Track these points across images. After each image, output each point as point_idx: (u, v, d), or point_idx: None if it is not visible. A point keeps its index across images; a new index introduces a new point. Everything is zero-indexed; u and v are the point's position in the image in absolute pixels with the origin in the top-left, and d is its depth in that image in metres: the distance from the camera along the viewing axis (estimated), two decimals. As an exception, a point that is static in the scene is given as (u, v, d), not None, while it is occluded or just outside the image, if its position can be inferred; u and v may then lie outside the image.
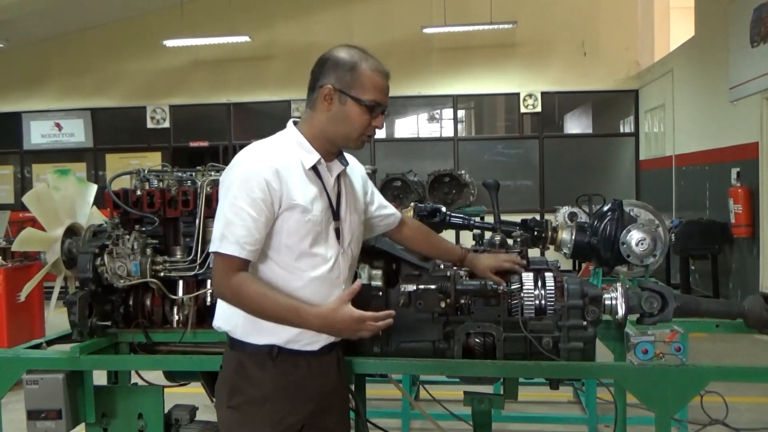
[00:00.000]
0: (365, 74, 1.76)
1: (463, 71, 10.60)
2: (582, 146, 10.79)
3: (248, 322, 1.77)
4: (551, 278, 2.14)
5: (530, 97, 10.44)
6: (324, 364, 1.86)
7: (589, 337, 2.08)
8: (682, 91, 8.72)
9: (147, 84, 11.07)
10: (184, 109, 11.10)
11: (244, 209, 1.69)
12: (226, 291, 1.73)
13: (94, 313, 2.39)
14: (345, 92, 1.76)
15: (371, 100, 1.76)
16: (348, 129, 1.79)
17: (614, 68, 10.31)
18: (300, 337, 1.79)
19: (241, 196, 1.69)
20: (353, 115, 1.77)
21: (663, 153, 9.38)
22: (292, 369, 1.80)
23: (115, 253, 2.37)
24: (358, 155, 2.00)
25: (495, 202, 2.67)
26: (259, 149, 1.78)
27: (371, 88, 1.76)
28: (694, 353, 2.31)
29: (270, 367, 1.78)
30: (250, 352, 1.79)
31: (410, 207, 3.03)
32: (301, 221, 1.75)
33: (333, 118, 1.79)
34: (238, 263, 1.70)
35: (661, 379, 1.99)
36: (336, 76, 1.77)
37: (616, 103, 10.76)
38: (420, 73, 10.55)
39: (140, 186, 2.49)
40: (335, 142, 1.82)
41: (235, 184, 1.71)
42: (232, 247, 1.69)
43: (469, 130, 11.72)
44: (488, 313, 2.11)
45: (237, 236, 1.69)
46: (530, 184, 10.66)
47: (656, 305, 2.14)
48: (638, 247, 2.62)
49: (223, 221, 1.71)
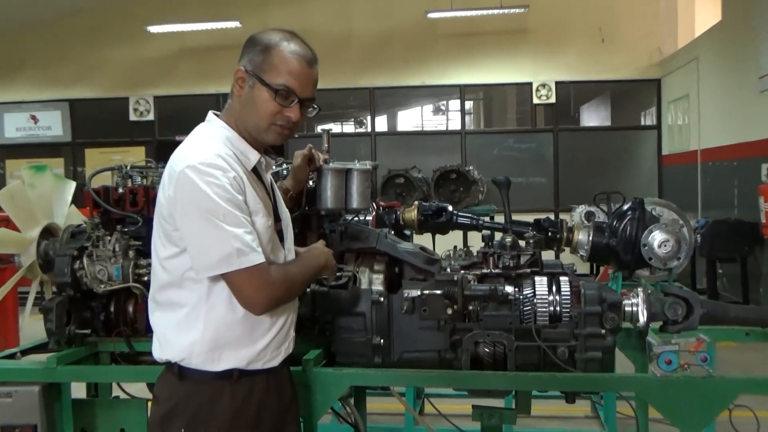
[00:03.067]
0: (279, 56, 1.73)
1: (470, 59, 10.59)
2: (600, 140, 10.77)
3: (207, 347, 1.73)
4: (567, 283, 2.14)
5: (543, 87, 10.43)
6: (280, 381, 1.87)
7: (607, 346, 2.08)
8: (708, 80, 8.71)
9: (130, 73, 11.08)
10: (170, 101, 11.10)
11: (237, 214, 1.66)
12: (281, 292, 1.73)
13: (73, 321, 2.39)
14: (254, 74, 1.74)
15: (281, 84, 1.72)
16: (256, 116, 1.76)
17: (634, 56, 10.30)
18: (261, 355, 1.79)
19: (226, 203, 1.65)
20: (260, 100, 1.74)
21: (687, 147, 9.37)
22: (249, 393, 1.78)
23: (95, 255, 2.37)
24: (355, 149, 2.00)
25: (506, 200, 2.67)
26: (203, 151, 1.70)
27: (284, 72, 1.72)
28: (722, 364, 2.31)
29: (227, 395, 1.75)
30: (205, 382, 1.75)
31: (414, 206, 3.03)
32: (265, 226, 1.75)
33: (243, 103, 1.77)
34: (265, 267, 1.69)
35: (686, 392, 1.98)
36: (248, 58, 1.75)
37: (637, 93, 10.75)
38: (424, 62, 10.54)
39: (122, 183, 2.48)
40: (250, 132, 1.79)
41: (211, 195, 1.63)
42: (253, 256, 1.66)
43: (477, 123, 11.71)
44: (499, 320, 2.11)
45: (248, 243, 1.65)
46: (544, 181, 10.65)
47: (681, 312, 2.14)
48: (661, 249, 2.62)
49: (225, 236, 1.64)
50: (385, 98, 11.05)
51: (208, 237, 1.65)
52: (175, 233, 1.70)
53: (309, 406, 2.11)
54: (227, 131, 1.79)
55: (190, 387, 1.76)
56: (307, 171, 2.29)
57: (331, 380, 2.15)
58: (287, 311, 1.85)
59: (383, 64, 10.44)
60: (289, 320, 1.87)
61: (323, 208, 2.30)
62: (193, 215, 1.66)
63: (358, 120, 11.55)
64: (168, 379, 1.80)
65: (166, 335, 1.78)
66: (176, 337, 1.76)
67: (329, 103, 11.11)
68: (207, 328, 1.73)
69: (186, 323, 1.74)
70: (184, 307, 1.74)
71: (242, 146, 1.79)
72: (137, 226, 2.43)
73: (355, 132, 11.41)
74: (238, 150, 1.78)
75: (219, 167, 1.67)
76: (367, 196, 2.36)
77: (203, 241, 1.66)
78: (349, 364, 2.22)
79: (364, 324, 2.22)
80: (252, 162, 1.80)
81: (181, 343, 1.75)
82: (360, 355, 2.22)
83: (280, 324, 1.82)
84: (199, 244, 1.67)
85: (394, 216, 3.01)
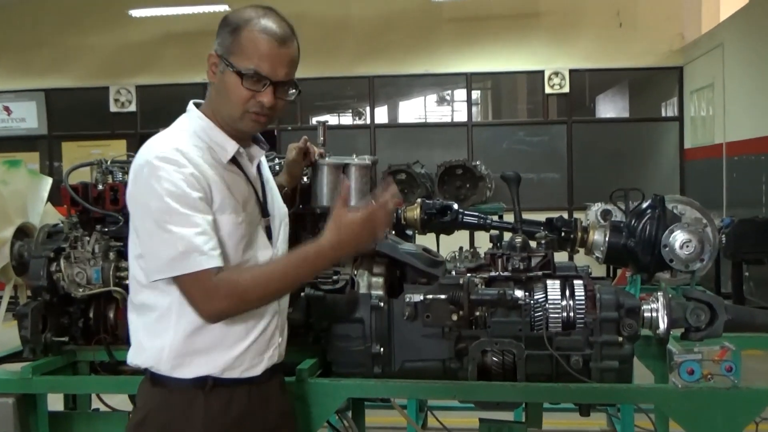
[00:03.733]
0: (247, 36, 1.72)
1: (478, 45, 10.59)
2: (617, 133, 10.78)
3: (176, 353, 1.73)
4: (581, 287, 2.14)
5: (556, 75, 10.43)
6: (266, 393, 1.85)
7: (625, 355, 2.09)
8: (734, 67, 8.71)
9: (110, 61, 11.08)
10: (154, 90, 11.10)
11: (188, 214, 1.65)
12: (225, 304, 1.68)
13: (49, 328, 2.39)
14: (224, 58, 1.74)
15: (248, 68, 1.71)
16: (228, 104, 1.76)
17: (654, 42, 10.30)
18: (239, 362, 1.77)
19: (176, 202, 1.64)
20: (230, 86, 1.73)
21: (712, 140, 9.37)
22: (226, 404, 1.77)
23: (73, 257, 2.37)
24: (353, 143, 2.01)
25: (515, 198, 2.68)
26: (165, 144, 1.72)
27: (253, 54, 1.71)
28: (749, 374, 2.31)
29: (200, 405, 1.74)
30: (177, 390, 1.75)
31: (416, 204, 3.03)
32: (234, 224, 1.74)
33: (217, 91, 1.78)
34: (210, 275, 1.66)
35: (710, 404, 1.99)
36: (219, 40, 1.76)
37: (657, 82, 10.75)
38: (428, 48, 10.54)
39: (102, 179, 2.48)
40: (225, 120, 1.79)
41: (160, 192, 1.65)
42: (201, 260, 1.64)
43: (485, 114, 11.72)
44: (508, 327, 2.12)
45: (197, 247, 1.64)
46: (557, 177, 10.65)
47: (704, 318, 2.15)
48: (683, 251, 2.62)
49: (171, 238, 1.64)
50: (386, 87, 11.05)
51: (155, 237, 1.67)
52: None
53: (303, 419, 2.11)
54: (203, 121, 1.80)
55: (162, 394, 1.77)
56: (302, 166, 2.29)
57: (327, 392, 2.15)
58: (265, 316, 1.81)
59: (383, 50, 10.44)
60: (272, 326, 1.84)
61: (319, 206, 2.30)
62: (143, 214, 1.69)
63: (357, 111, 11.57)
64: (144, 386, 1.82)
65: (139, 338, 1.80)
66: (148, 341, 1.77)
67: (325, 92, 11.12)
68: (178, 333, 1.73)
69: (157, 327, 1.75)
70: (156, 309, 1.75)
71: (218, 137, 1.79)
72: (118, 226, 2.43)
73: (353, 124, 11.44)
74: (213, 141, 1.79)
75: (174, 162, 1.67)
76: (366, 194, 2.36)
77: (151, 241, 1.68)
78: (347, 375, 2.22)
79: (362, 331, 2.22)
80: (229, 153, 1.79)
81: (152, 347, 1.76)
82: (358, 364, 2.22)
83: (259, 329, 1.80)
84: (148, 245, 1.69)
85: (395, 215, 3.02)
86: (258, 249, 1.82)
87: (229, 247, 1.73)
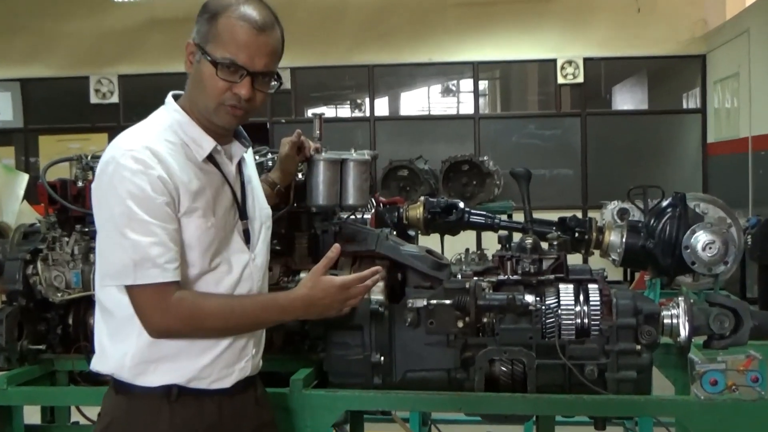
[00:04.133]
0: (224, 24, 1.72)
1: (485, 32, 10.59)
2: (635, 126, 10.78)
3: (140, 359, 1.74)
4: (596, 291, 2.14)
5: (570, 64, 10.43)
6: (239, 405, 1.85)
7: (643, 364, 2.09)
8: (761, 55, 8.70)
9: (91, 49, 11.08)
10: (138, 80, 11.10)
11: (148, 222, 1.65)
12: (174, 323, 1.70)
13: (25, 335, 2.39)
14: (200, 46, 1.75)
15: (224, 57, 1.71)
16: (204, 96, 1.76)
17: (675, 28, 10.30)
18: (207, 372, 1.77)
19: (138, 207, 1.65)
20: (205, 77, 1.74)
21: (737, 134, 9.36)
22: (195, 416, 1.77)
23: (51, 259, 2.38)
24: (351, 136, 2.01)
25: (525, 195, 2.68)
26: (135, 140, 1.72)
27: (229, 42, 1.72)
28: (776, 385, 2.31)
29: (165, 415, 1.75)
30: (141, 398, 1.76)
31: (419, 202, 3.04)
32: (202, 228, 1.74)
33: (193, 82, 1.80)
34: (167, 289, 1.68)
35: (735, 418, 1.99)
36: (197, 28, 1.78)
37: (678, 71, 10.75)
38: (432, 35, 10.54)
39: (82, 176, 2.49)
40: (202, 113, 1.79)
41: (121, 194, 1.65)
42: (154, 272, 1.65)
43: (493, 106, 11.71)
44: (517, 334, 2.12)
45: (152, 258, 1.65)
46: (570, 173, 10.66)
47: (728, 325, 2.15)
48: (705, 252, 2.62)
49: (126, 245, 1.65)
50: (386, 77, 11.05)
51: (110, 240, 1.69)
52: None
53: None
54: (179, 115, 1.80)
55: (125, 402, 1.78)
56: (297, 162, 2.29)
57: (324, 404, 2.15)
58: None
59: (384, 37, 10.44)
60: (244, 336, 1.83)
61: (314, 204, 2.30)
62: (101, 215, 1.71)
63: (355, 103, 11.57)
64: (108, 393, 1.83)
65: (103, 343, 1.81)
66: (111, 347, 1.78)
67: (321, 83, 11.12)
68: (142, 338, 1.73)
69: (121, 331, 1.76)
70: (120, 312, 1.75)
71: (194, 132, 1.79)
72: (99, 226, 2.44)
73: (352, 117, 11.43)
74: (189, 137, 1.79)
75: (141, 162, 1.67)
76: (365, 191, 2.37)
77: (105, 245, 1.71)
78: (345, 386, 2.22)
79: (361, 339, 2.23)
80: (205, 151, 1.79)
81: (115, 353, 1.77)
82: (357, 374, 2.22)
83: (228, 339, 1.80)
84: (102, 248, 1.72)
85: (397, 214, 3.02)
86: (231, 253, 1.82)
87: (195, 253, 1.74)
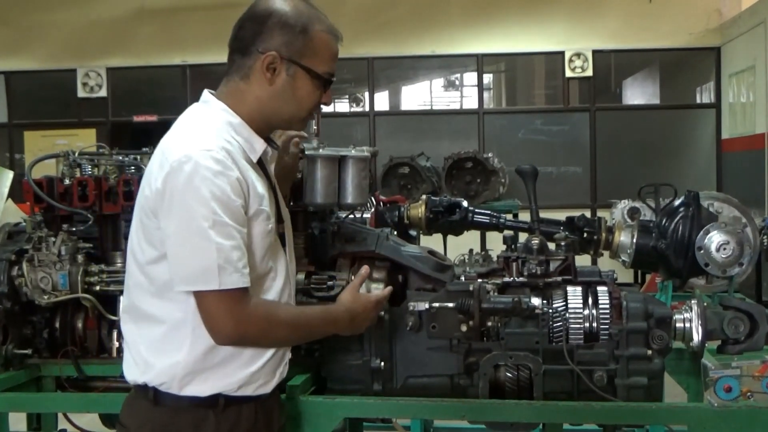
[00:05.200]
0: (320, 38, 1.81)
1: (490, 23, 10.59)
2: (646, 121, 10.77)
3: (190, 368, 1.75)
4: (606, 294, 2.14)
5: (578, 57, 10.43)
6: (269, 409, 1.90)
7: (654, 370, 2.09)
8: (778, 48, 8.69)
9: (78, 40, 11.08)
10: (127, 73, 11.10)
11: (229, 225, 1.67)
12: (250, 330, 1.73)
13: (10, 339, 2.39)
14: (295, 61, 1.79)
15: (327, 72, 1.82)
16: (295, 108, 1.82)
17: (689, 19, 10.29)
18: (254, 379, 1.81)
19: (219, 208, 1.66)
20: (304, 91, 1.81)
21: (753, 130, 9.36)
22: (235, 423, 1.81)
23: (37, 260, 2.38)
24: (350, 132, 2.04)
25: (532, 194, 2.68)
26: (208, 140, 1.72)
27: (329, 58, 1.83)
28: (793, 392, 2.31)
29: (211, 425, 1.77)
30: (185, 409, 1.77)
31: (421, 201, 3.04)
32: (264, 232, 1.78)
33: (278, 93, 1.81)
34: (244, 295, 1.71)
35: (750, 425, 1.99)
36: (284, 40, 1.78)
37: (691, 64, 10.75)
38: (434, 27, 10.53)
39: (69, 173, 2.50)
40: (273, 123, 1.86)
41: (205, 194, 1.66)
42: (235, 278, 1.68)
43: (498, 101, 11.71)
44: (523, 339, 2.12)
45: (234, 262, 1.67)
46: (578, 170, 10.65)
47: (743, 329, 2.15)
48: (720, 254, 2.62)
49: (210, 248, 1.65)
50: (387, 70, 11.05)
51: (190, 245, 1.68)
52: (157, 232, 1.72)
53: (295, 441, 2.12)
54: (229, 115, 1.81)
55: (167, 414, 1.78)
56: (297, 168, 2.29)
57: (322, 411, 2.16)
58: None
59: (384, 28, 10.43)
60: None
61: (312, 203, 2.31)
62: (179, 216, 1.68)
63: (354, 97, 11.56)
64: (140, 404, 1.81)
65: (143, 354, 1.80)
66: (156, 358, 1.77)
67: (319, 76, 11.10)
68: (195, 348, 1.75)
69: (168, 341, 1.76)
70: (166, 321, 1.76)
71: (247, 134, 1.82)
72: (87, 225, 2.45)
73: (351, 111, 11.42)
74: (243, 138, 1.81)
75: (221, 162, 1.69)
76: (364, 189, 2.37)
77: (183, 248, 1.69)
78: (343, 392, 2.23)
79: (360, 343, 2.23)
80: (258, 152, 1.83)
81: (161, 364, 1.77)
82: (356, 380, 2.23)
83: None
84: (179, 251, 1.69)
85: (397, 213, 3.02)
86: (277, 258, 1.85)
87: (257, 258, 1.76)
